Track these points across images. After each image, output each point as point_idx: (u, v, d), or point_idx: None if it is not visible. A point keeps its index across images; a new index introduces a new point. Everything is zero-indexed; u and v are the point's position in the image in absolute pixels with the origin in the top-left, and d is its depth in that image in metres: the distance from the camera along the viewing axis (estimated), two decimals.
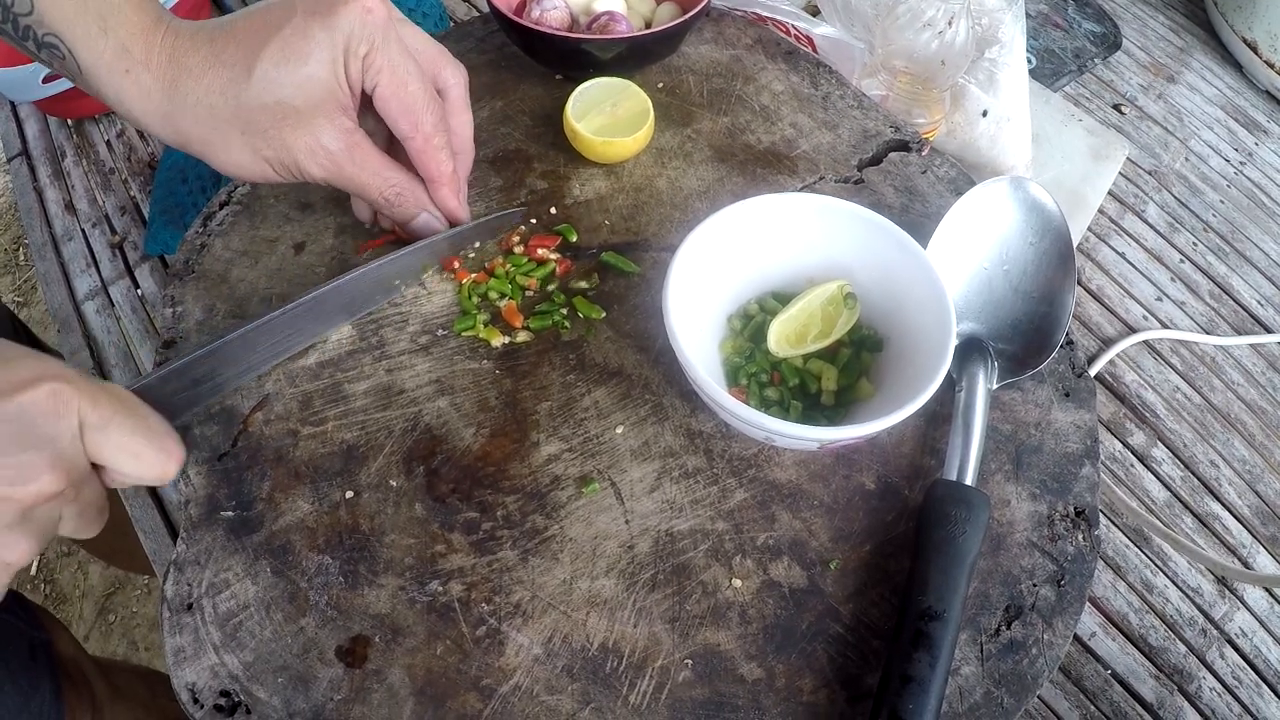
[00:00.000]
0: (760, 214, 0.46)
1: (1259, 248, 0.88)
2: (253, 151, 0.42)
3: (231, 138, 0.42)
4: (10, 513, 0.33)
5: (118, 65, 0.40)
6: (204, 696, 0.39)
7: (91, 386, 0.35)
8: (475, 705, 0.38)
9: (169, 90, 0.40)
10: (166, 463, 0.38)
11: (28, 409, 0.33)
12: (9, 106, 0.90)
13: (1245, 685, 0.62)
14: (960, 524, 0.40)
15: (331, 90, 0.42)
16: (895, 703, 0.36)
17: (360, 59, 0.42)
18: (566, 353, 0.49)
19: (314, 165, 0.43)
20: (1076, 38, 1.02)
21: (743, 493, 0.44)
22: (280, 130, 0.42)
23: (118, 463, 0.36)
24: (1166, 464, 0.71)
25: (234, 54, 0.41)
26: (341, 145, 0.43)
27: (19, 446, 0.33)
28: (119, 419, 0.36)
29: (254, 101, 0.41)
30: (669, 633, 0.40)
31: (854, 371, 0.46)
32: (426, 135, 0.45)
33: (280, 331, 0.46)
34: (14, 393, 0.33)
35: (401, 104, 0.44)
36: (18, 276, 1.56)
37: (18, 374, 0.33)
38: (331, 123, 0.42)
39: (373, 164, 0.45)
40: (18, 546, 0.33)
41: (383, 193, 0.46)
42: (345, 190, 0.46)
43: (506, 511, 0.43)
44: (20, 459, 0.32)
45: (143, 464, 0.37)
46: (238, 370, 0.46)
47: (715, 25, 0.66)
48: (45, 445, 0.33)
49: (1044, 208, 0.51)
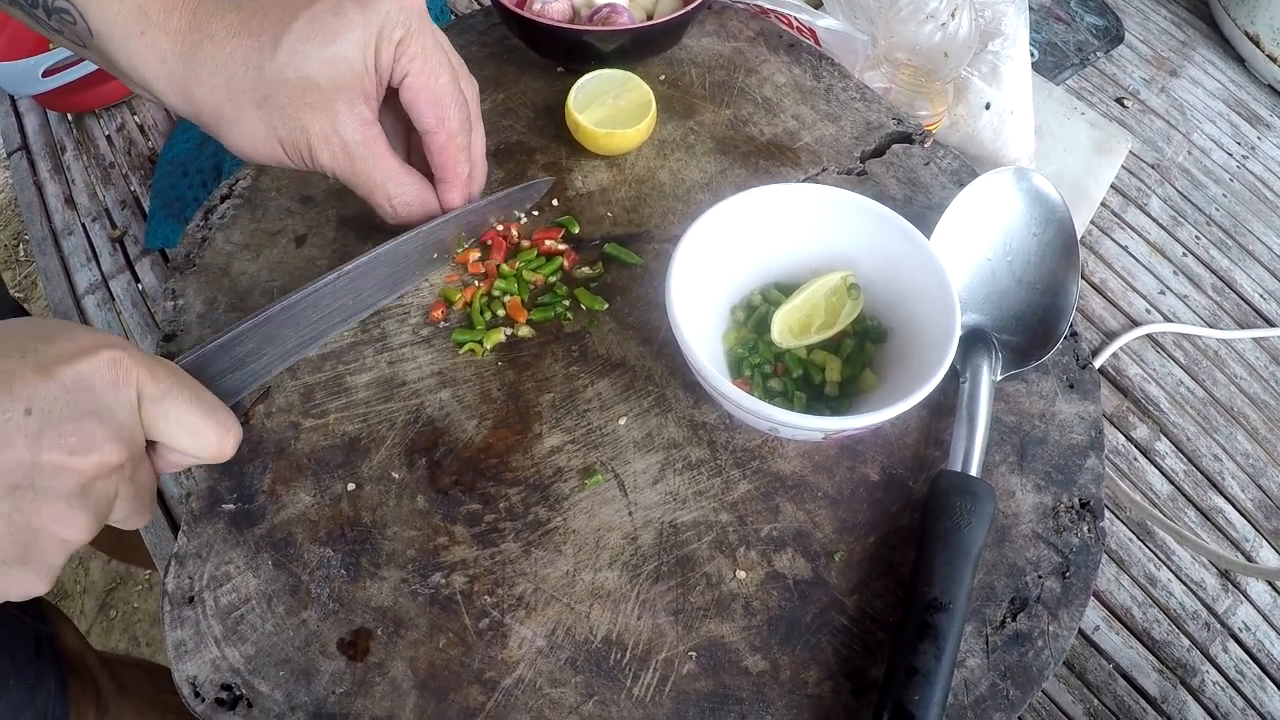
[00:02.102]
0: (764, 204, 0.46)
1: (1261, 241, 0.88)
2: (267, 129, 0.40)
3: (247, 110, 0.40)
4: (71, 483, 0.32)
5: (133, 27, 0.38)
6: (205, 690, 0.38)
7: (149, 359, 0.34)
8: (478, 698, 0.38)
9: (187, 55, 0.39)
10: (224, 438, 0.37)
11: (88, 376, 0.32)
12: (8, 101, 0.90)
13: (1248, 679, 0.62)
14: (965, 515, 0.40)
15: (358, 73, 0.40)
16: (901, 695, 0.36)
17: (393, 45, 0.41)
18: (569, 344, 0.49)
19: (326, 153, 0.42)
20: (1079, 31, 1.01)
21: (746, 484, 0.44)
22: (299, 109, 0.40)
23: (175, 438, 0.35)
24: (1170, 457, 0.71)
25: (261, 23, 0.39)
26: (358, 137, 0.42)
27: (80, 415, 0.31)
28: (176, 391, 0.35)
29: (276, 75, 0.39)
30: (673, 625, 0.40)
31: (858, 362, 0.46)
32: (451, 132, 0.44)
33: (324, 306, 0.44)
34: (74, 360, 0.32)
35: (431, 95, 0.43)
36: (18, 272, 1.56)
37: (77, 342, 0.32)
38: (351, 109, 0.41)
39: (386, 163, 0.43)
40: (76, 521, 0.32)
41: (390, 197, 0.44)
42: (352, 187, 0.44)
43: (509, 503, 0.43)
44: (81, 427, 0.31)
45: (199, 439, 0.36)
46: (284, 349, 0.44)
47: (717, 17, 0.66)
48: (106, 415, 0.32)
49: (1048, 198, 0.51)
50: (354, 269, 0.44)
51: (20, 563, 0.32)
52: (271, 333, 0.43)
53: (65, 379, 0.31)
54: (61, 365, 0.32)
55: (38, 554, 0.32)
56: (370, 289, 0.47)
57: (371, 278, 0.46)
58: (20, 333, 0.33)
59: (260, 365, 0.44)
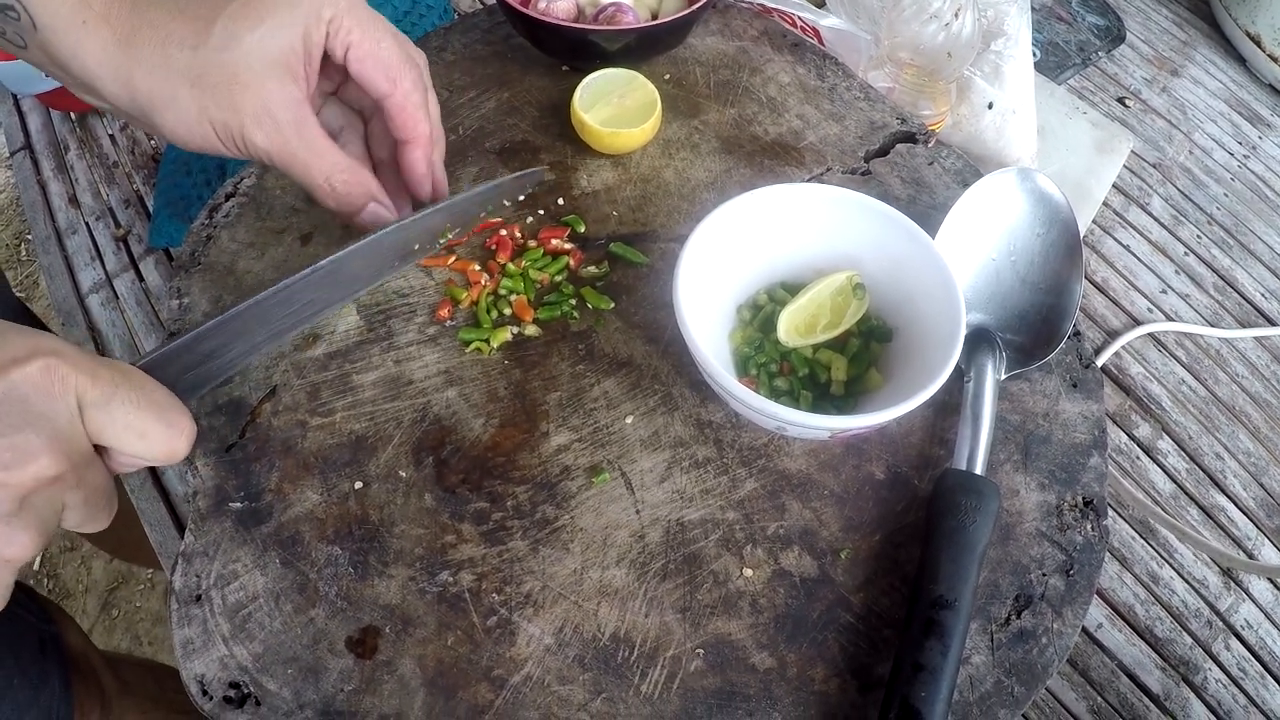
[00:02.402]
0: (770, 204, 0.46)
1: (1263, 241, 0.89)
2: (199, 110, 0.40)
3: (181, 92, 0.40)
4: (7, 500, 0.30)
5: (75, 18, 0.38)
6: (213, 688, 0.38)
7: (90, 361, 0.33)
8: (487, 696, 0.38)
9: (125, 42, 0.39)
10: (176, 439, 0.35)
11: (19, 386, 0.30)
12: (11, 100, 0.90)
13: (1251, 677, 0.62)
14: (970, 513, 0.40)
15: (288, 53, 0.41)
16: (907, 691, 0.36)
17: (324, 22, 0.41)
18: (575, 343, 0.49)
19: (259, 134, 0.41)
20: (1080, 31, 1.01)
21: (753, 482, 0.44)
22: (231, 89, 0.40)
23: (123, 442, 0.34)
24: (1172, 456, 0.71)
25: (198, 8, 0.40)
26: (290, 116, 0.41)
27: (12, 427, 0.30)
28: (122, 394, 0.33)
29: (211, 54, 0.39)
30: (680, 622, 0.40)
31: (863, 362, 0.46)
32: (406, 90, 0.44)
33: (295, 301, 0.44)
34: (4, 369, 0.30)
35: (377, 60, 0.43)
36: (20, 272, 1.56)
37: (7, 350, 0.31)
38: (283, 88, 0.41)
39: (319, 143, 0.43)
40: (16, 539, 0.30)
41: (328, 176, 0.44)
42: (288, 171, 0.44)
43: (516, 502, 0.43)
44: (13, 440, 0.30)
45: (150, 442, 0.35)
46: (251, 344, 0.44)
47: (721, 17, 0.66)
48: (41, 425, 0.31)
49: (1051, 199, 0.51)
50: (328, 264, 0.44)
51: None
52: (240, 328, 0.42)
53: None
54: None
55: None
56: (346, 282, 0.47)
57: (346, 272, 0.46)
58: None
59: (227, 359, 0.43)
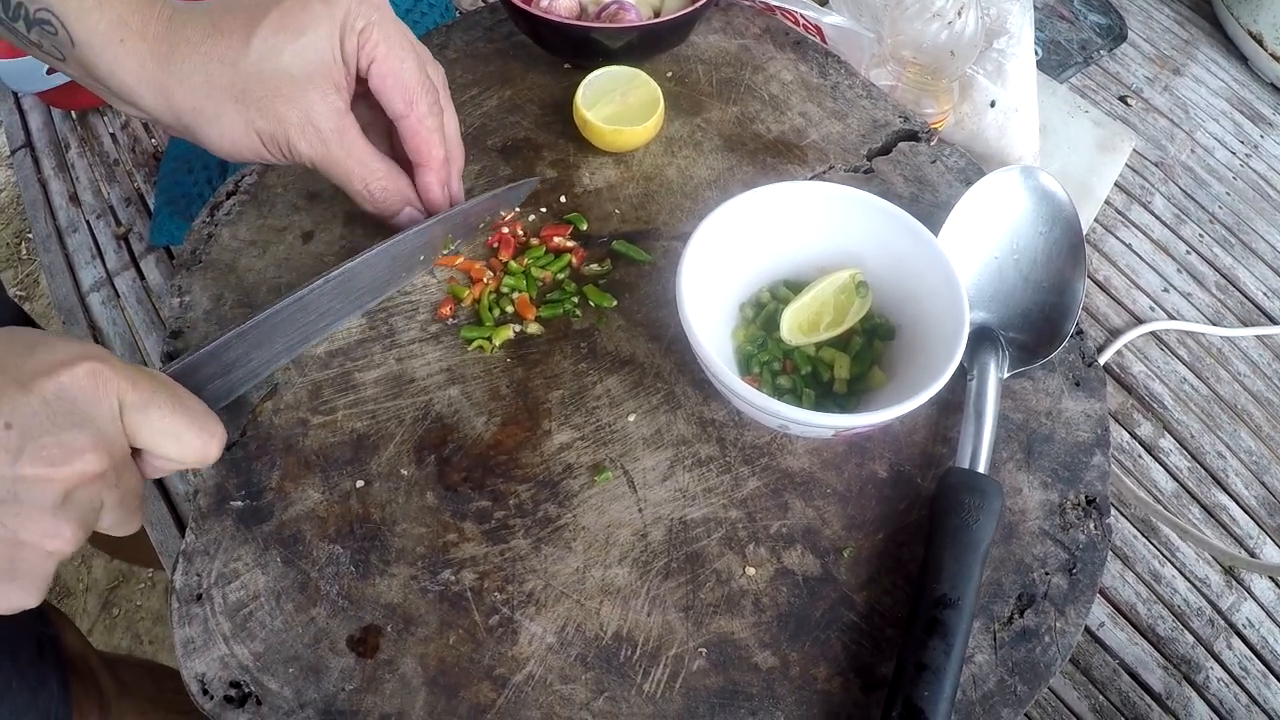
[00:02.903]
0: (773, 202, 0.46)
1: (1265, 240, 0.88)
2: (245, 123, 0.42)
3: (225, 107, 0.41)
4: (52, 494, 0.32)
5: (113, 36, 0.40)
6: (214, 687, 0.38)
7: (130, 368, 0.35)
8: (489, 695, 0.38)
9: (164, 59, 0.40)
10: (209, 443, 0.37)
11: (68, 388, 0.32)
12: (12, 98, 0.89)
13: (1252, 675, 0.62)
14: (973, 511, 0.40)
15: (327, 64, 0.42)
16: (910, 690, 0.36)
17: (356, 33, 0.42)
18: (578, 341, 0.49)
19: (304, 143, 0.43)
20: (1082, 29, 1.01)
21: (755, 481, 0.44)
22: (275, 100, 0.41)
23: (158, 444, 0.36)
24: (1174, 455, 0.71)
25: (233, 23, 0.41)
26: (332, 125, 0.43)
27: (59, 426, 0.32)
28: (159, 399, 0.35)
29: (251, 69, 0.41)
30: (683, 621, 0.40)
31: (866, 360, 0.46)
32: (420, 115, 0.45)
33: (310, 311, 0.45)
34: (53, 372, 0.32)
35: (397, 80, 0.44)
36: (20, 270, 1.55)
37: (55, 355, 0.33)
38: (324, 99, 0.42)
39: (359, 150, 0.44)
40: (61, 533, 0.32)
41: (366, 183, 0.45)
42: (330, 177, 0.45)
43: (519, 500, 0.43)
44: (62, 438, 0.32)
45: (184, 445, 0.36)
46: (270, 354, 0.45)
47: (724, 14, 0.66)
48: (87, 425, 0.33)
49: (1054, 197, 0.51)
50: (340, 274, 0.45)
51: (9, 577, 0.32)
52: (259, 338, 0.43)
53: (45, 392, 0.32)
54: (41, 378, 0.32)
55: (25, 568, 0.32)
56: (358, 292, 0.48)
57: (358, 282, 0.47)
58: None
59: (248, 370, 0.44)
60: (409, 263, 0.49)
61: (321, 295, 0.45)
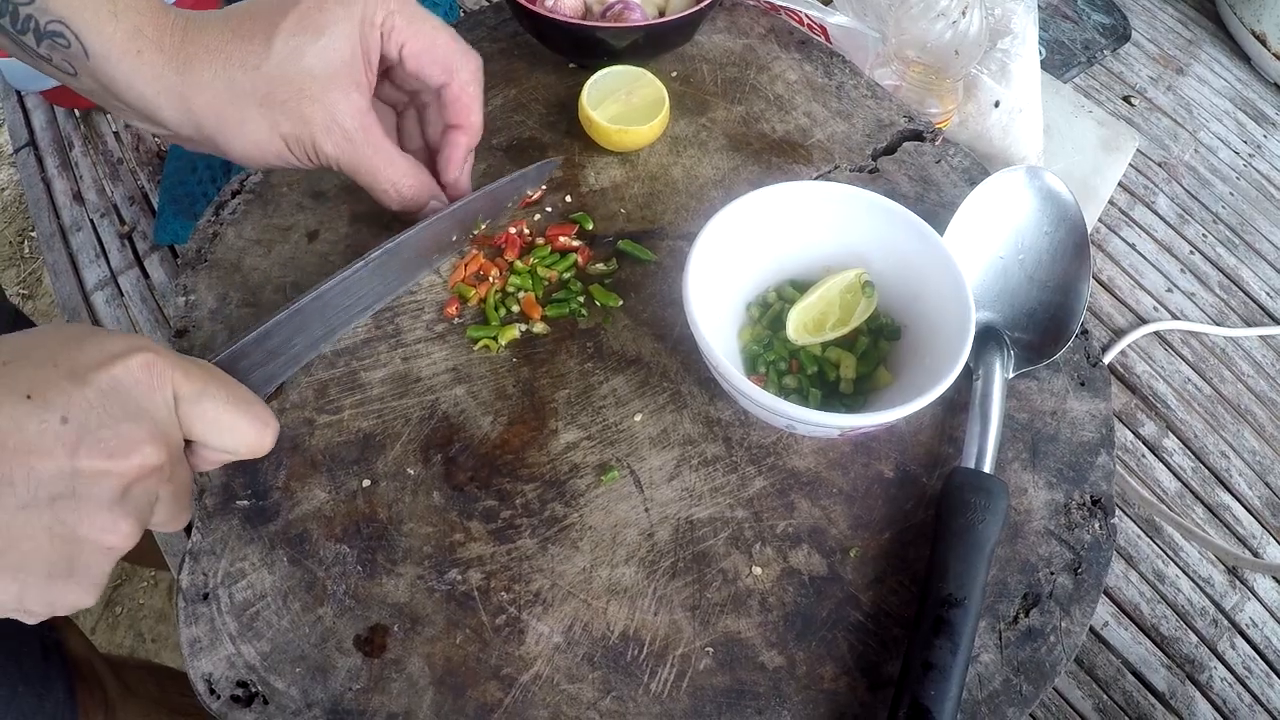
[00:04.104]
0: (778, 202, 0.46)
1: (1268, 239, 0.88)
2: (270, 127, 0.42)
3: (249, 112, 0.41)
4: (112, 488, 0.31)
5: (130, 48, 0.39)
6: (220, 687, 0.38)
7: (181, 359, 0.34)
8: (496, 694, 0.38)
9: (183, 68, 0.40)
10: (263, 432, 0.37)
11: (122, 380, 0.32)
12: (15, 97, 0.89)
13: (1256, 675, 0.62)
14: (979, 511, 0.40)
15: (348, 63, 0.42)
16: (917, 690, 0.36)
17: (377, 27, 0.42)
18: (584, 340, 0.49)
19: (329, 143, 0.43)
20: (1086, 29, 1.01)
21: (762, 480, 0.44)
22: (299, 102, 0.41)
23: (213, 436, 0.35)
24: (1178, 454, 0.71)
25: (251, 28, 0.41)
26: (356, 124, 0.43)
27: (116, 418, 0.31)
28: (212, 390, 0.35)
29: (275, 71, 0.40)
30: (689, 621, 0.40)
31: (872, 360, 0.46)
32: (463, 81, 0.45)
33: (353, 293, 0.45)
34: (106, 365, 0.32)
35: (433, 54, 0.44)
36: (22, 269, 1.56)
37: (107, 347, 0.32)
38: (347, 98, 0.42)
39: (386, 148, 0.45)
40: (119, 528, 0.32)
41: (394, 181, 0.45)
42: (355, 176, 0.45)
43: (525, 500, 0.43)
44: (119, 430, 0.31)
45: (238, 435, 0.36)
46: (311, 340, 0.45)
47: (728, 14, 0.66)
48: (143, 417, 0.32)
49: (1059, 197, 0.51)
50: (380, 254, 0.45)
51: (66, 575, 0.31)
52: (302, 323, 0.43)
53: (100, 384, 0.31)
54: (95, 371, 0.31)
55: (82, 565, 0.32)
56: (396, 273, 0.48)
57: (396, 262, 0.47)
58: (50, 341, 0.32)
59: (290, 356, 0.44)
60: (442, 243, 0.50)
61: (363, 277, 0.45)
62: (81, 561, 0.32)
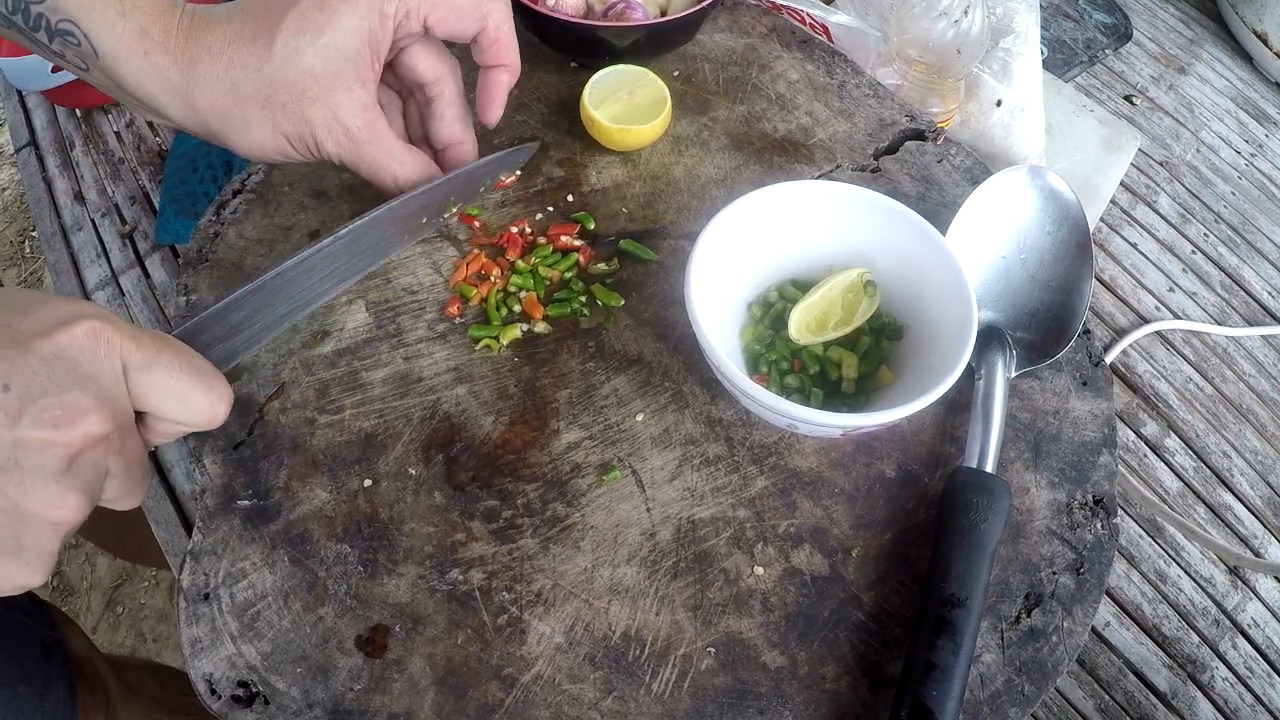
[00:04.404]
0: (781, 201, 0.46)
1: (1270, 239, 0.88)
2: (273, 127, 0.42)
3: (251, 113, 0.41)
4: (57, 460, 0.30)
5: (137, 48, 0.40)
6: (221, 687, 0.38)
7: (132, 327, 0.33)
8: (497, 694, 0.38)
9: (188, 70, 0.40)
10: (216, 404, 0.36)
11: (67, 348, 0.31)
12: (16, 96, 0.89)
13: (1257, 675, 0.62)
14: (981, 511, 0.40)
15: (351, 60, 0.42)
16: (919, 690, 0.36)
17: (391, 18, 0.42)
18: (585, 340, 0.49)
19: (330, 141, 0.43)
20: (1087, 29, 1.01)
21: (764, 480, 0.44)
22: (300, 103, 0.42)
23: (165, 406, 0.35)
24: (1179, 454, 0.71)
25: (253, 29, 0.41)
26: (359, 121, 0.43)
27: (61, 387, 0.30)
28: (164, 358, 0.34)
29: (275, 73, 0.41)
30: (691, 621, 0.40)
31: (874, 359, 0.46)
32: (496, 22, 0.45)
33: (317, 271, 0.45)
34: (51, 332, 0.31)
35: (459, 13, 0.44)
36: (24, 269, 1.56)
37: (53, 313, 0.31)
38: (350, 95, 0.42)
39: (389, 144, 0.45)
40: (65, 501, 0.31)
41: (396, 176, 0.46)
42: (357, 171, 0.45)
43: (527, 499, 0.43)
44: (63, 399, 0.30)
45: (190, 406, 0.35)
46: (275, 317, 0.45)
47: (730, 13, 0.66)
48: (89, 385, 0.31)
49: (1062, 197, 0.51)
50: (347, 233, 0.45)
51: (14, 553, 0.30)
52: (264, 300, 0.43)
53: (44, 352, 0.31)
54: (39, 338, 0.31)
55: (29, 541, 0.31)
56: (362, 253, 0.48)
57: (363, 243, 0.47)
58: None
59: (252, 333, 0.44)
60: (412, 224, 0.50)
61: (327, 256, 0.45)
62: (28, 537, 0.31)
